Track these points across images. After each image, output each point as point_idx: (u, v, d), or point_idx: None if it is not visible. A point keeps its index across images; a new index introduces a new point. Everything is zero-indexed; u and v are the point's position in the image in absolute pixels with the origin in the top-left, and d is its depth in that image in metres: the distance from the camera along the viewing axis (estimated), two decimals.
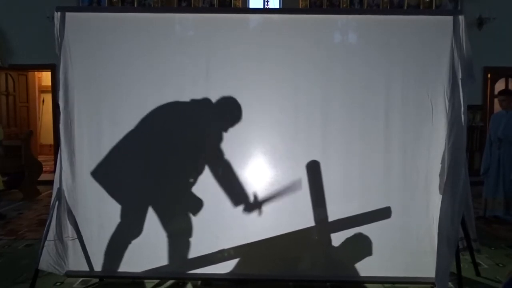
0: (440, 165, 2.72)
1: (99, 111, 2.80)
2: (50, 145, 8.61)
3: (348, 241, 2.81)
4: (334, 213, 2.80)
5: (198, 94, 2.78)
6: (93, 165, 2.79)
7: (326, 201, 2.79)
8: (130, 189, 2.82)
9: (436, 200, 2.71)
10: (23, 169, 5.86)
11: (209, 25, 2.80)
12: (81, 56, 2.75)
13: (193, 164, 2.82)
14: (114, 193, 2.79)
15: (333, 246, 2.83)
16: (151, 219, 2.80)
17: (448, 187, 2.56)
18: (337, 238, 2.83)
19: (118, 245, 2.81)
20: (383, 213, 2.78)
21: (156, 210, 2.81)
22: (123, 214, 2.79)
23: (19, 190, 5.87)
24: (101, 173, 2.78)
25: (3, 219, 4.72)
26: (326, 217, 2.80)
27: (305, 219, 2.80)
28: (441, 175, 2.73)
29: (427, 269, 2.73)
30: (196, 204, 2.79)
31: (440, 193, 2.71)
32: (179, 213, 2.82)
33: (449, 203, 2.55)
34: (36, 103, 8.49)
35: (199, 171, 2.79)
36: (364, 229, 2.80)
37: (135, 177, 2.81)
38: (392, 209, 2.79)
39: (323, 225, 2.80)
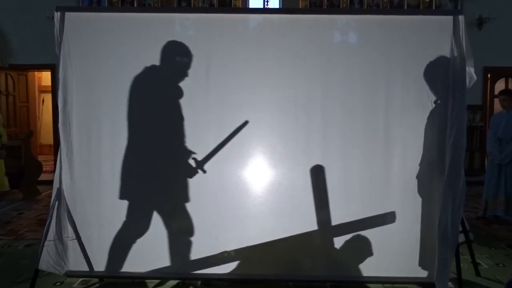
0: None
1: (98, 111, 2.79)
2: (50, 145, 8.62)
3: (348, 242, 2.80)
4: (334, 214, 2.79)
5: (198, 94, 2.78)
6: (92, 165, 2.79)
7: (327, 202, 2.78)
8: (134, 187, 2.81)
9: (435, 200, 2.70)
10: (23, 169, 5.87)
11: (209, 25, 2.80)
12: (80, 56, 2.75)
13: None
14: (123, 194, 2.78)
15: (334, 247, 2.82)
16: (153, 219, 2.80)
17: (448, 187, 2.55)
18: (338, 240, 2.82)
19: (123, 244, 2.80)
20: (388, 218, 2.77)
21: (157, 210, 2.80)
22: (129, 212, 2.78)
23: (19, 190, 5.87)
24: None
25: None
26: (328, 219, 2.79)
27: (306, 221, 2.79)
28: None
29: (427, 269, 2.73)
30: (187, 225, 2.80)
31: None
32: (180, 213, 2.81)
33: (448, 203, 2.54)
34: (36, 103, 8.49)
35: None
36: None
37: (136, 174, 2.81)
38: (392, 209, 2.78)
39: (326, 228, 2.80)
